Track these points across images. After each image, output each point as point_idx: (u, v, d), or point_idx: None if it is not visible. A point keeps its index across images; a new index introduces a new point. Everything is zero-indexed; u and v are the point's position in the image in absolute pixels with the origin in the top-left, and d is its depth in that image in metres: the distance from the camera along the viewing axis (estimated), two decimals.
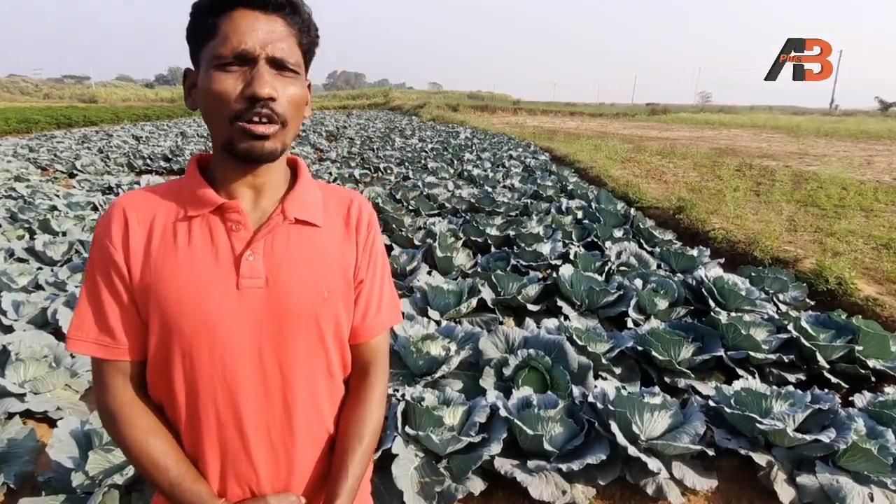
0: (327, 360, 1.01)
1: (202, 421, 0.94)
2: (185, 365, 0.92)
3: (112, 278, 0.91)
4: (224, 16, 0.85)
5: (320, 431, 1.03)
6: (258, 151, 0.88)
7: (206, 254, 0.92)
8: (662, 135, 24.26)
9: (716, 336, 3.33)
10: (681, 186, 9.79)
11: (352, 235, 1.04)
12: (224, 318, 0.91)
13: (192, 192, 0.94)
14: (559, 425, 2.38)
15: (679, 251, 5.04)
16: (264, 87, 0.84)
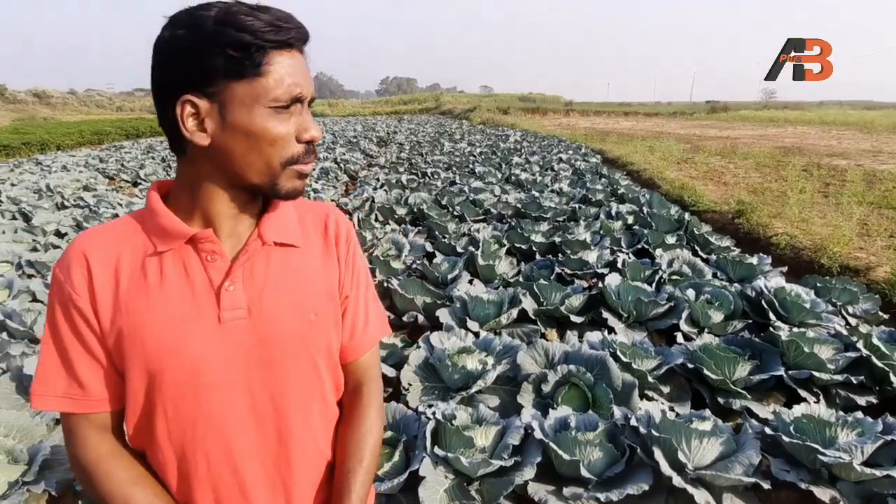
0: (320, 385, 0.97)
1: (191, 466, 0.89)
2: (169, 409, 0.87)
3: (78, 327, 0.86)
4: (277, 55, 0.80)
5: (318, 460, 0.99)
6: (301, 190, 0.89)
7: (182, 289, 0.86)
8: (723, 134, 23.26)
9: (775, 353, 3.08)
10: (741, 188, 9.30)
11: (332, 251, 1.00)
12: (208, 355, 0.86)
13: (159, 224, 0.88)
14: (598, 450, 2.24)
15: (737, 259, 4.74)
16: (319, 132, 0.85)
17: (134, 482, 0.88)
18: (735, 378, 2.97)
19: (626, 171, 11.75)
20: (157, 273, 0.87)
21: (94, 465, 0.87)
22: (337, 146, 17.31)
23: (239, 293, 0.88)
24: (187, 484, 0.90)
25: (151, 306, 0.85)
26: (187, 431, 0.88)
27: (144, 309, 0.85)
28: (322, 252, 0.99)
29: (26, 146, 18.01)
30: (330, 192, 9.00)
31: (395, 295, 4.03)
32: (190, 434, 0.88)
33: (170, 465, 0.90)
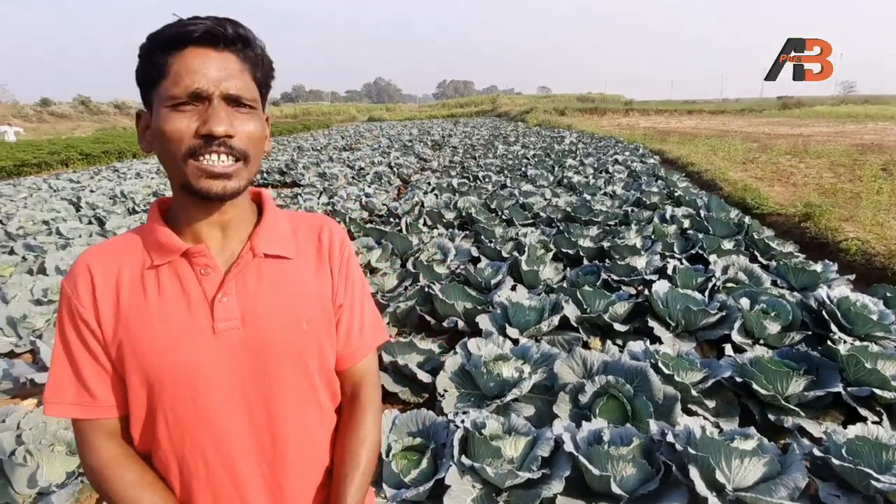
0: (315, 393, 0.99)
1: (191, 470, 0.93)
2: (169, 417, 0.91)
3: (85, 337, 0.90)
4: (175, 55, 0.83)
5: (315, 465, 1.01)
6: (219, 191, 0.85)
7: (178, 302, 0.90)
8: (794, 131, 21.97)
9: (833, 368, 2.88)
10: (811, 190, 8.76)
11: (325, 262, 1.02)
12: (204, 364, 0.89)
13: (156, 239, 0.92)
14: (631, 466, 2.16)
15: (799, 265, 4.46)
16: (220, 125, 0.82)
17: (141, 485, 0.91)
18: (788, 394, 2.80)
19: (686, 172, 11.31)
20: (155, 286, 0.90)
21: (104, 470, 0.91)
22: (392, 150, 17.57)
23: (232, 304, 0.91)
24: (188, 487, 0.94)
25: (149, 318, 0.89)
26: (187, 437, 0.91)
27: (143, 321, 0.88)
28: (315, 263, 1.01)
29: (106, 154, 19.33)
30: (382, 196, 9.14)
31: (436, 300, 4.04)
32: (189, 440, 0.91)
33: (172, 468, 0.93)
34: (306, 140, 25.05)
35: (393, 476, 2.22)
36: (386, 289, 4.72)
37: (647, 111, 42.76)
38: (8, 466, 2.41)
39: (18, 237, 7.18)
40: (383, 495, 2.17)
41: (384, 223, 7.15)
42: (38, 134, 34.93)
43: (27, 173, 16.24)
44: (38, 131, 37.79)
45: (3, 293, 4.77)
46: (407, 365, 3.13)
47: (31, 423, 2.62)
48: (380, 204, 8.20)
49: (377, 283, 4.75)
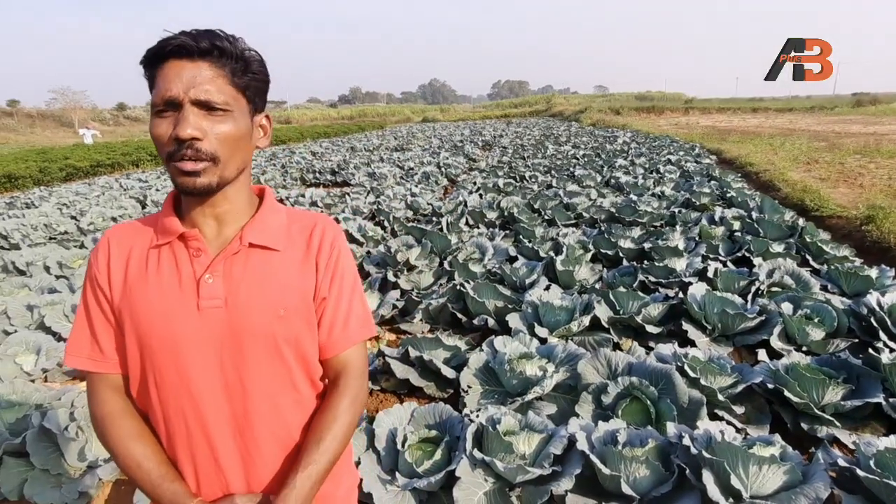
0: (290, 375, 1.07)
1: (175, 430, 1.04)
2: (157, 379, 1.02)
3: (100, 300, 1.04)
4: (158, 69, 0.94)
5: (287, 442, 1.09)
6: (190, 186, 0.95)
7: (172, 278, 1.01)
8: (867, 130, 20.65)
9: (875, 378, 2.73)
10: (879, 191, 8.25)
11: (312, 256, 1.09)
12: (187, 336, 1.00)
13: (162, 222, 1.05)
14: (644, 467, 2.13)
15: (851, 270, 4.23)
16: (186, 129, 0.91)
17: (134, 437, 1.03)
18: (824, 403, 2.68)
19: (743, 173, 10.86)
20: (156, 263, 1.03)
21: (105, 419, 1.04)
22: (442, 151, 17.71)
23: (217, 286, 1.01)
24: (173, 447, 1.05)
25: (147, 290, 1.01)
26: (171, 399, 1.02)
27: (141, 292, 1.01)
28: (302, 257, 1.09)
29: None
30: (427, 195, 9.25)
31: (468, 298, 4.08)
32: (173, 401, 1.02)
33: (161, 426, 1.05)
34: (360, 141, 25.60)
35: (406, 465, 2.28)
36: (422, 286, 4.80)
37: (707, 109, 41.16)
38: (61, 440, 2.63)
39: (89, 232, 7.73)
40: (397, 484, 2.23)
41: (427, 222, 7.24)
42: (114, 136, 37.26)
43: (101, 173, 17.38)
44: (114, 134, 40.33)
45: (72, 283, 5.16)
46: (432, 360, 3.18)
47: (83, 401, 2.84)
48: (425, 203, 8.31)
49: (413, 281, 4.84)
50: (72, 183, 15.20)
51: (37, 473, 2.57)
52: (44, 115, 46.24)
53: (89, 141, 27.98)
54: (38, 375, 3.63)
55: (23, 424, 2.75)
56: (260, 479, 1.07)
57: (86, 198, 10.75)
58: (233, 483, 1.06)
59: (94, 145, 24.28)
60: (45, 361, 3.64)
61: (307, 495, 1.00)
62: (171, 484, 1.01)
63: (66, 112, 47.01)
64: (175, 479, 1.02)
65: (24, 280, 5.27)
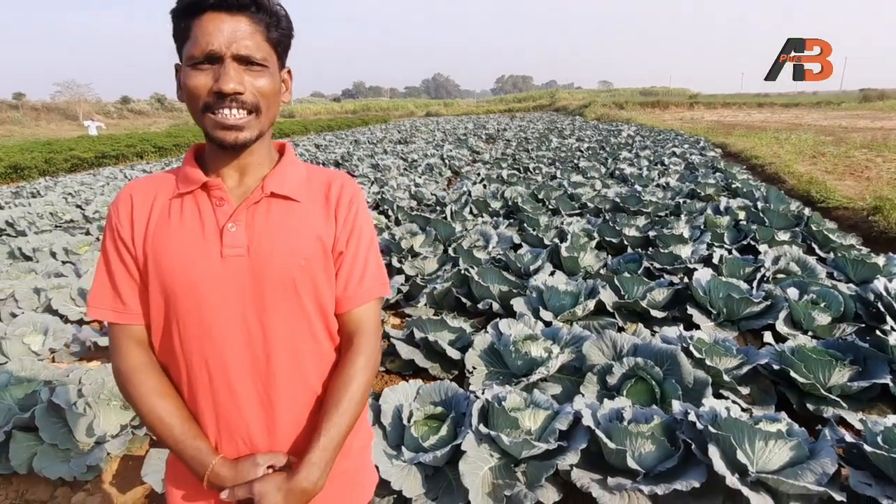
0: (309, 325, 1.08)
1: (197, 379, 1.04)
2: (181, 327, 1.02)
3: (121, 252, 1.04)
4: (195, 19, 0.94)
5: (306, 391, 1.10)
6: (231, 141, 0.97)
7: (195, 226, 1.02)
8: (875, 125, 20.54)
9: (882, 360, 2.73)
10: (885, 183, 8.21)
11: (331, 210, 1.10)
12: (210, 283, 1.00)
13: (184, 173, 1.06)
14: (650, 443, 2.14)
15: (858, 258, 4.22)
16: (229, 84, 0.93)
17: (158, 393, 1.04)
18: (830, 384, 2.68)
19: (749, 165, 10.84)
20: (179, 212, 1.03)
21: (129, 375, 1.04)
22: (445, 144, 17.68)
23: (240, 234, 1.01)
24: (195, 394, 1.05)
25: (170, 238, 1.01)
26: (194, 347, 1.02)
27: (165, 240, 1.01)
28: (322, 210, 1.10)
29: (176, 147, 20.47)
30: (431, 186, 9.25)
31: (472, 283, 4.08)
32: (196, 350, 1.02)
33: (182, 376, 1.06)
34: (363, 134, 25.57)
35: (412, 440, 2.28)
36: (426, 272, 4.80)
37: (713, 104, 40.99)
38: (70, 416, 2.64)
39: (94, 220, 7.75)
40: (403, 458, 2.24)
41: (431, 212, 7.24)
42: (118, 129, 37.30)
43: (106, 164, 17.41)
44: (118, 127, 40.36)
45: (77, 268, 5.18)
46: (437, 341, 3.19)
47: (90, 379, 2.85)
48: (429, 194, 8.30)
49: (418, 267, 4.84)
50: (77, 173, 15.24)
51: (45, 448, 2.59)
52: (49, 108, 46.27)
53: (94, 133, 28.01)
54: (46, 355, 3.66)
55: (32, 400, 2.77)
56: (280, 428, 1.08)
57: (90, 188, 10.78)
58: (254, 432, 1.06)
59: (99, 137, 24.32)
60: (52, 342, 3.67)
61: (330, 458, 1.02)
62: (194, 441, 1.02)
63: (71, 105, 47.03)
64: (197, 437, 1.03)
65: (31, 265, 5.30)
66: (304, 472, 0.99)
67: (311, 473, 1.00)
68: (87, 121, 32.13)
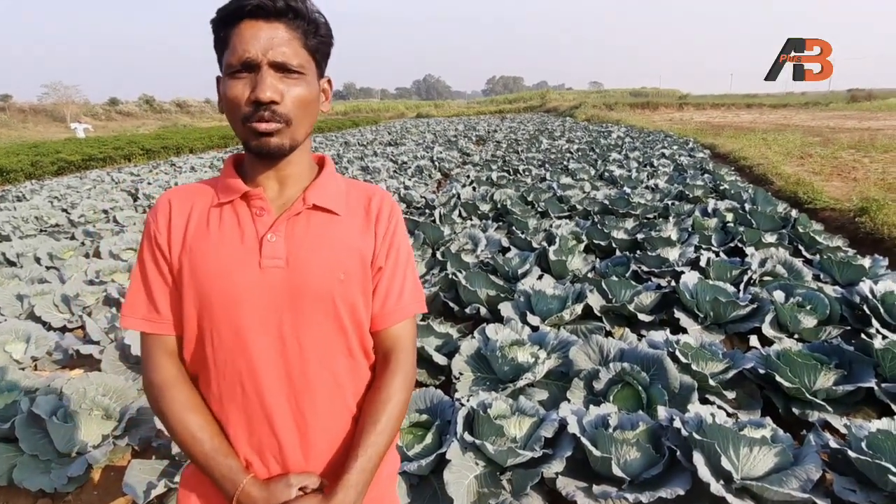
0: (346, 340, 1.05)
1: (229, 393, 1.02)
2: (214, 338, 1.00)
3: (158, 260, 1.02)
4: (233, 28, 0.93)
5: (340, 407, 1.07)
6: (265, 147, 0.96)
7: (234, 236, 1.01)
8: (862, 125, 20.74)
9: (867, 363, 2.74)
10: (872, 184, 8.28)
11: (371, 225, 1.09)
12: (247, 294, 0.99)
13: (224, 182, 1.05)
14: (635, 450, 2.13)
15: (844, 260, 4.25)
16: (265, 92, 0.91)
17: (190, 407, 1.01)
18: (816, 388, 2.69)
19: (737, 166, 10.90)
20: (217, 221, 1.02)
21: (162, 388, 1.01)
22: (436, 145, 17.67)
23: (279, 245, 1.00)
24: (226, 408, 1.03)
25: (208, 247, 1.00)
26: (228, 360, 1.00)
27: (203, 249, 1.00)
28: (362, 224, 1.08)
29: (165, 150, 20.32)
30: (421, 188, 9.23)
31: (460, 287, 4.07)
32: (230, 363, 1.00)
33: (214, 390, 1.03)
34: (353, 136, 25.52)
35: (397, 449, 2.26)
36: None
37: (702, 105, 41.24)
38: (51, 426, 2.60)
39: (80, 224, 7.67)
40: None
41: (420, 215, 7.22)
42: (106, 131, 37.01)
43: (93, 167, 17.25)
44: (106, 129, 40.05)
45: (62, 273, 5.12)
46: (423, 347, 3.17)
47: (72, 388, 2.82)
48: (418, 196, 8.29)
49: None
50: (63, 177, 15.08)
51: (25, 459, 2.55)
52: (36, 110, 45.78)
53: (81, 135, 27.78)
54: (28, 363, 3.60)
55: (12, 410, 2.73)
56: (314, 446, 1.04)
57: (77, 191, 10.68)
58: (287, 449, 1.03)
59: (87, 139, 24.10)
60: (34, 349, 3.61)
61: (367, 480, 0.99)
62: (225, 458, 0.99)
63: (59, 107, 46.55)
64: (229, 454, 1.00)
65: (15, 271, 5.23)
66: (341, 495, 0.96)
67: (347, 496, 0.96)
68: (74, 123, 31.87)
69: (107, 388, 2.94)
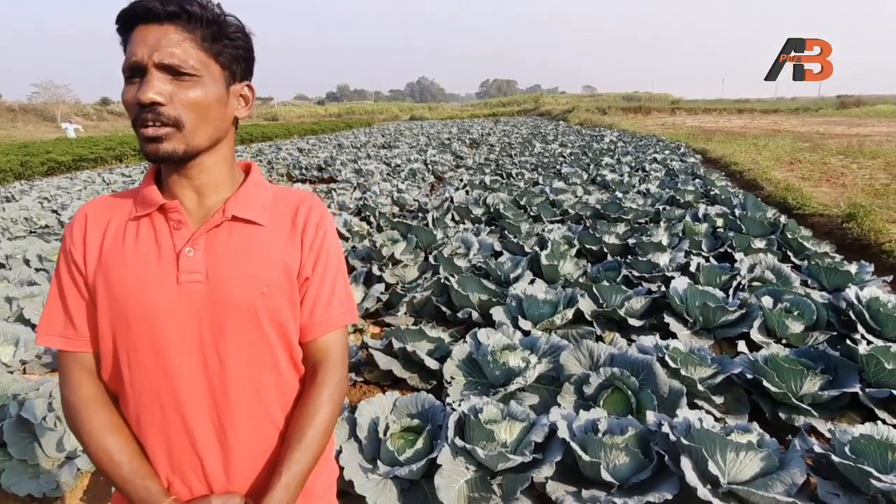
0: (271, 355, 1.03)
1: (148, 412, 0.99)
2: (131, 357, 0.97)
3: (74, 275, 1.00)
4: (128, 34, 0.91)
5: (266, 425, 1.05)
6: (153, 153, 0.92)
7: (150, 251, 0.98)
8: (851, 131, 20.96)
9: (852, 369, 2.78)
10: (860, 190, 8.38)
11: (297, 235, 1.05)
12: (165, 310, 0.96)
13: (141, 194, 1.01)
14: (624, 454, 2.15)
15: (831, 266, 4.29)
16: (147, 93, 0.88)
17: (108, 429, 0.98)
18: (802, 393, 2.72)
19: (728, 171, 11.00)
20: (134, 235, 0.99)
21: (79, 406, 0.99)
22: (429, 148, 17.70)
23: (198, 259, 0.97)
24: (144, 429, 1.00)
25: (124, 263, 0.97)
26: (146, 379, 0.97)
27: (118, 264, 0.97)
28: (287, 234, 1.05)
29: None
30: (414, 192, 9.25)
31: (452, 291, 4.08)
32: (148, 382, 0.97)
33: (132, 410, 1.00)
34: (347, 138, 25.52)
35: (388, 454, 2.27)
36: (406, 280, 4.80)
37: (694, 110, 41.49)
38: (39, 430, 2.59)
39: None
40: (378, 472, 2.23)
41: (413, 218, 7.23)
42: (97, 131, 36.76)
43: (84, 168, 17.15)
44: (97, 129, 39.78)
45: (51, 276, 5.08)
46: (415, 352, 3.19)
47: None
48: (411, 200, 8.31)
49: (398, 275, 4.83)
50: (53, 177, 14.98)
51: (14, 464, 2.53)
52: (26, 109, 45.43)
53: (72, 135, 27.58)
54: (17, 367, 3.58)
55: (0, 414, 2.71)
56: (238, 465, 1.02)
57: (67, 192, 10.61)
58: (209, 469, 1.01)
59: (77, 140, 23.93)
60: (23, 353, 3.59)
61: (292, 497, 0.97)
62: (143, 480, 0.96)
63: (49, 106, 46.22)
64: (148, 476, 0.97)
65: (4, 273, 5.18)
66: None
67: None
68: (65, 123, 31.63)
69: None
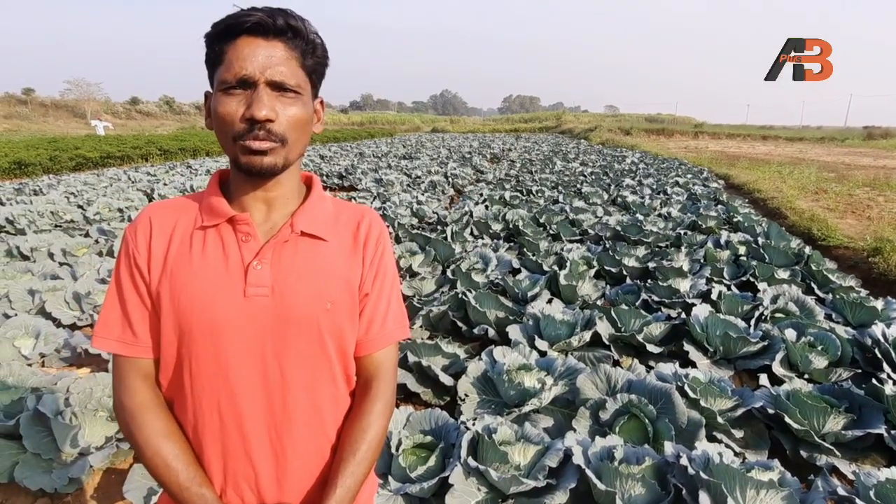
0: (330, 369, 1.04)
1: (206, 421, 0.99)
2: (193, 366, 0.98)
3: (136, 281, 0.99)
4: (229, 43, 0.91)
5: (321, 438, 1.05)
6: (257, 166, 0.93)
7: (218, 262, 0.98)
8: (878, 163, 20.67)
9: (877, 409, 2.70)
10: (886, 224, 8.23)
11: (359, 250, 1.07)
12: (230, 322, 0.96)
13: (209, 204, 1.01)
14: (640, 485, 2.11)
15: (857, 301, 4.20)
16: (262, 110, 0.89)
17: (165, 435, 0.98)
18: (825, 431, 2.65)
19: (751, 198, 10.87)
20: (201, 245, 0.99)
21: (134, 413, 0.98)
22: (449, 161, 17.76)
23: (265, 273, 0.97)
24: (201, 437, 1.00)
25: (190, 272, 0.97)
26: (206, 388, 0.98)
27: (185, 273, 0.97)
28: (350, 249, 1.06)
29: (182, 151, 20.58)
30: (433, 204, 9.27)
31: (469, 307, 4.06)
32: (208, 391, 0.98)
33: (189, 417, 1.00)
34: (369, 147, 25.71)
35: (399, 470, 2.25)
36: (423, 293, 4.79)
37: (717, 135, 41.23)
38: (55, 425, 2.61)
39: (95, 221, 7.75)
40: (389, 488, 2.21)
41: (432, 230, 7.24)
42: (125, 130, 37.53)
43: (111, 164, 17.48)
44: (125, 127, 40.62)
45: (74, 271, 5.16)
46: (430, 366, 3.17)
47: (79, 388, 2.83)
48: (430, 212, 8.32)
49: (415, 287, 4.83)
50: (81, 173, 15.28)
51: (28, 457, 2.56)
52: (57, 105, 46.60)
53: (101, 132, 28.20)
54: (36, 360, 3.63)
55: (17, 407, 2.74)
56: (292, 477, 1.03)
57: (93, 188, 10.80)
58: (263, 479, 1.01)
59: (106, 137, 24.44)
60: (43, 346, 3.64)
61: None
62: (199, 488, 0.97)
63: (80, 103, 47.35)
64: (204, 484, 0.98)
65: (28, 265, 5.28)
66: None
67: None
68: (94, 120, 32.33)
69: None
